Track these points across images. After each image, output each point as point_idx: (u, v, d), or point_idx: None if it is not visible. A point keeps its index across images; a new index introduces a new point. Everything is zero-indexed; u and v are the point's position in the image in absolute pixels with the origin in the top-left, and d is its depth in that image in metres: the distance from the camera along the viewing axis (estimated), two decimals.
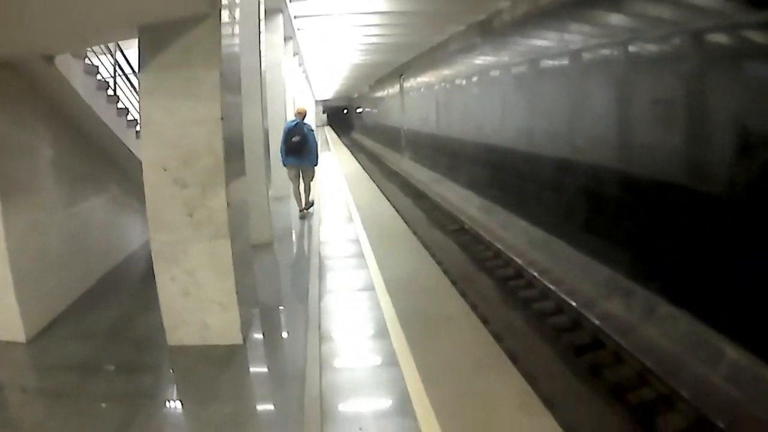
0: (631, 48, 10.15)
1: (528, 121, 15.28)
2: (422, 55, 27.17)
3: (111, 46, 9.45)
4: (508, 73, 16.74)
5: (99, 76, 8.31)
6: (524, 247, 13.87)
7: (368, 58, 29.56)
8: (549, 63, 13.95)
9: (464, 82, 21.31)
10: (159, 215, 5.70)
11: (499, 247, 14.11)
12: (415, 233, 12.81)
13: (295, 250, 10.96)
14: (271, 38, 13.16)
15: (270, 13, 12.61)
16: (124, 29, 6.29)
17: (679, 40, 8.87)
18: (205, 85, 5.50)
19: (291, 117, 13.54)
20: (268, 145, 11.30)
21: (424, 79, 28.56)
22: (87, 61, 7.94)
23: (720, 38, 8.14)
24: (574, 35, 13.02)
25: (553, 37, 13.97)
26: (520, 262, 12.83)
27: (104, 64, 9.06)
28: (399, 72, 34.48)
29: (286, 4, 13.34)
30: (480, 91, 19.52)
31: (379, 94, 47.49)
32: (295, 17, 15.49)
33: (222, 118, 5.55)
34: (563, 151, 13.02)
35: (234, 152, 6.03)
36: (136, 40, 5.59)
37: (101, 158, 8.77)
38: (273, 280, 8.96)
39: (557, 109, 13.37)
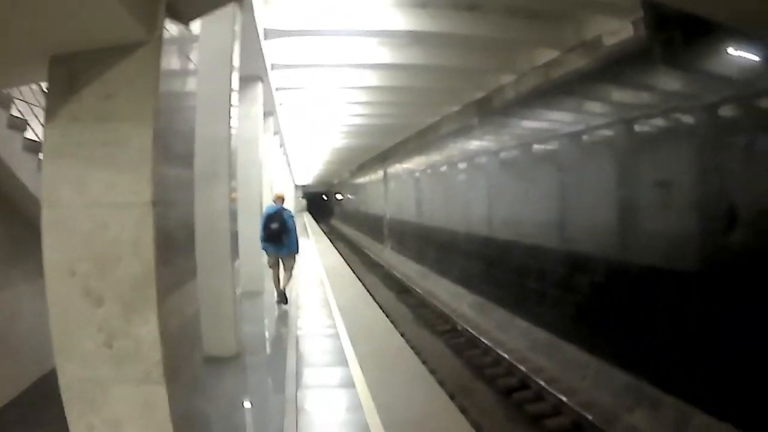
0: None
1: (533, 211, 13.95)
2: (409, 139, 26.07)
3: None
4: (508, 157, 15.53)
5: (30, 134, 6.67)
6: (527, 351, 12.44)
7: (351, 141, 28.62)
8: (554, 145, 12.74)
9: (455, 167, 20.08)
10: (67, 339, 3.62)
11: (499, 351, 12.46)
12: (405, 338, 11.20)
13: (266, 368, 8.33)
14: (249, 109, 12.02)
15: (248, 80, 11.40)
16: (35, 64, 4.32)
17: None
18: (129, 148, 3.48)
19: (267, 202, 12.48)
20: (237, 234, 8.20)
21: (410, 164, 27.39)
22: (12, 112, 6.32)
23: None
24: (581, 114, 11.95)
25: (560, 117, 12.84)
26: (523, 369, 11.31)
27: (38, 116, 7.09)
28: (383, 157, 33.44)
29: (266, 72, 12.07)
30: (474, 177, 18.23)
31: (361, 180, 46.47)
32: (276, 89, 14.40)
33: (154, 203, 3.48)
34: (577, 244, 11.64)
35: (178, 251, 4.07)
36: None
37: (32, 235, 6.94)
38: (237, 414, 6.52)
39: (568, 197, 12.10)
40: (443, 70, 14.34)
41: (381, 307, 13.28)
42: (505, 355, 12.14)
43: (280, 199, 11.65)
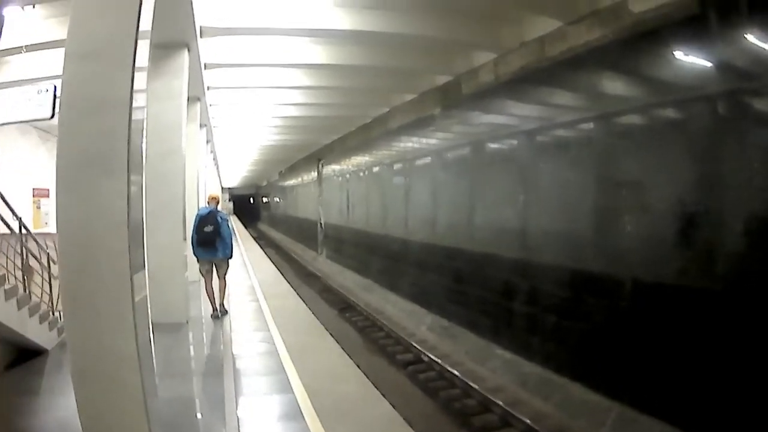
0: None
1: (504, 216, 11.77)
2: (349, 135, 23.54)
3: None
4: (485, 153, 13.28)
5: None
6: (520, 390, 10.21)
7: (283, 137, 26.19)
8: (549, 138, 10.55)
9: (407, 165, 17.69)
10: None
11: (483, 392, 10.13)
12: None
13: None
14: (169, 84, 10.85)
15: (170, 47, 10.39)
16: None
17: None
18: None
19: (192, 203, 12.26)
20: (140, 244, 7.98)
21: (349, 164, 24.81)
22: None
23: None
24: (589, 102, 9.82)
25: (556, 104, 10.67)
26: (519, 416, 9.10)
27: None
28: (317, 156, 30.83)
29: (195, 38, 10.98)
30: (434, 178, 15.86)
31: (292, 181, 43.64)
32: (206, 66, 13.30)
33: None
34: (567, 258, 9.69)
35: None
36: None
37: None
38: None
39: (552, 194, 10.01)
40: (394, 45, 12.35)
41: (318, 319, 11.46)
42: (493, 398, 9.81)
43: (215, 200, 10.89)
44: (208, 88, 13.98)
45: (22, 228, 8.01)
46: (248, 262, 20.77)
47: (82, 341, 4.05)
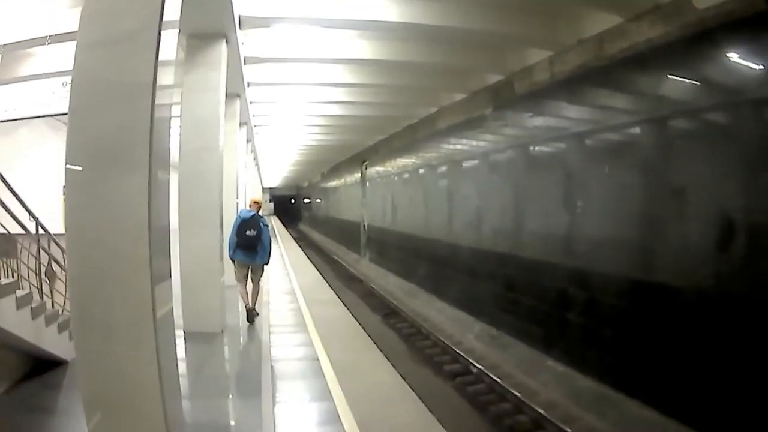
0: None
1: (560, 222, 11.29)
2: (395, 136, 23.14)
3: None
4: (529, 154, 12.80)
5: None
6: (572, 406, 9.72)
7: (324, 138, 25.99)
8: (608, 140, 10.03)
9: (456, 167, 17.24)
10: None
11: (530, 403, 9.69)
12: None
13: None
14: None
15: (205, 38, 9.78)
16: None
17: None
18: None
19: (243, 206, 12.37)
20: (166, 249, 7.59)
21: (395, 165, 24.42)
22: None
23: None
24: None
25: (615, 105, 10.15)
26: None
27: None
28: (362, 158, 30.50)
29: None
30: (483, 179, 15.39)
31: (334, 183, 43.43)
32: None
33: None
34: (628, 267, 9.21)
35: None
36: None
37: None
38: None
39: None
40: (444, 40, 12.00)
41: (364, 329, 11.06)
42: (547, 414, 9.33)
43: (257, 204, 10.69)
44: (248, 85, 13.55)
45: (40, 229, 7.58)
46: (289, 266, 20.50)
47: (93, 364, 3.57)
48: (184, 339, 8.69)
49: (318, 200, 57.49)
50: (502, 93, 13.65)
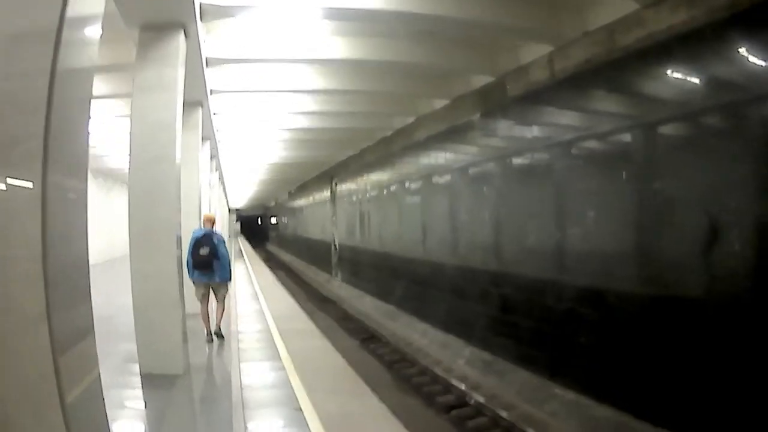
0: None
1: (563, 236, 10.30)
2: (368, 150, 21.96)
3: None
4: (525, 163, 11.75)
5: None
6: None
7: (292, 155, 24.83)
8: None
9: (438, 180, 16.10)
10: None
11: None
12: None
13: None
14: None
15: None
16: None
17: None
18: None
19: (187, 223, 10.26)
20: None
21: (368, 181, 23.20)
22: None
23: None
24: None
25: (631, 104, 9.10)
26: None
27: None
28: (330, 174, 29.31)
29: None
30: (471, 192, 14.26)
31: (302, 201, 42.13)
32: (214, 114, 14.08)
33: None
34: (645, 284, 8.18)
35: None
36: None
37: None
38: None
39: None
40: (425, 36, 10.86)
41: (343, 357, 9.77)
42: None
43: (210, 221, 10.45)
44: (211, 92, 12.25)
45: None
46: (259, 291, 19.08)
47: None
48: (141, 383, 7.44)
49: (285, 220, 56.18)
50: (492, 96, 12.53)
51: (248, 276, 24.11)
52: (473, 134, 13.67)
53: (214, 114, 14.41)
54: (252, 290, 19.10)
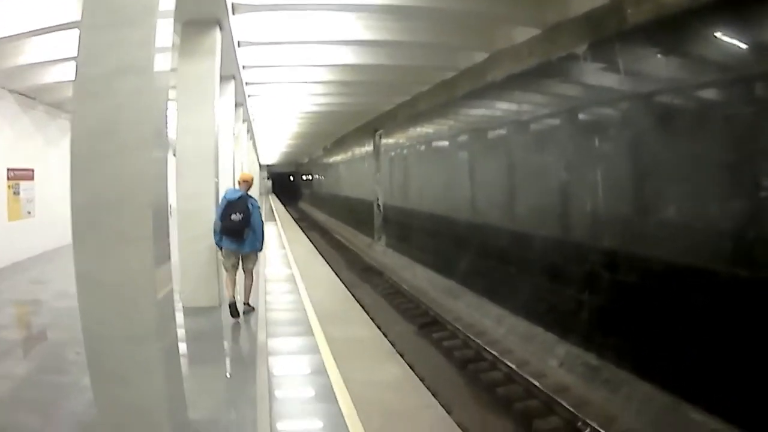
0: None
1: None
2: (421, 96, 18.95)
3: None
4: (651, 107, 8.82)
5: None
6: None
7: (328, 104, 21.95)
8: None
9: (522, 129, 13.11)
10: None
11: None
12: None
13: None
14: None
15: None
16: None
17: None
18: None
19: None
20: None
21: (423, 132, 20.20)
22: None
23: None
24: None
25: None
26: None
27: None
28: (373, 126, 26.41)
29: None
30: (572, 144, 11.20)
31: (339, 157, 39.34)
32: (246, 84, 15.28)
33: None
34: None
35: None
36: None
37: None
38: None
39: None
40: None
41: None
42: None
43: (246, 183, 9.67)
44: (243, 67, 13.59)
45: None
46: (292, 259, 16.46)
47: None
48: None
49: (320, 177, 53.59)
50: (604, 23, 9.56)
51: (280, 240, 21.62)
52: (576, 70, 10.62)
53: (246, 84, 15.69)
54: (285, 260, 16.55)
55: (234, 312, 9.17)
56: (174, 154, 10.12)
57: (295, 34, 11.77)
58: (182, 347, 7.55)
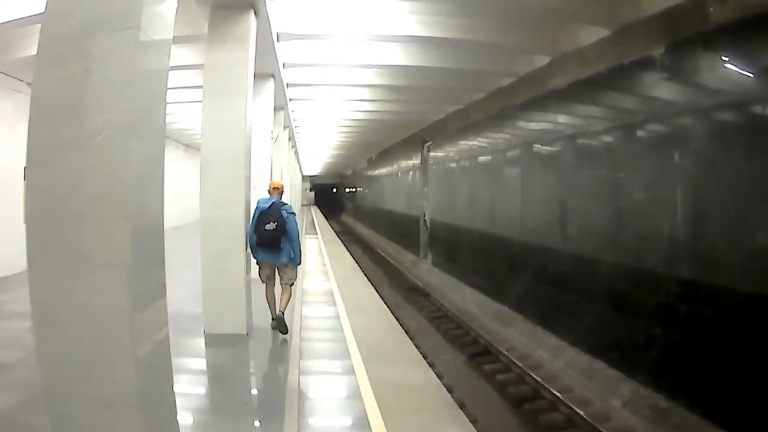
0: None
1: None
2: (474, 106, 17.94)
3: None
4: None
5: None
6: None
7: (374, 115, 21.23)
8: None
9: (586, 142, 12.04)
10: None
11: None
12: None
13: None
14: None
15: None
16: None
17: None
18: None
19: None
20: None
21: (473, 145, 19.15)
22: None
23: None
24: None
25: None
26: None
27: None
28: (421, 138, 25.43)
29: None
30: (649, 159, 10.10)
31: (383, 170, 38.40)
32: (288, 85, 14.69)
33: None
34: None
35: None
36: None
37: None
38: None
39: None
40: None
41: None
42: None
43: (278, 190, 9.09)
44: (283, 66, 12.65)
45: None
46: (333, 277, 15.47)
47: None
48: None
49: (363, 189, 52.75)
50: (683, 22, 8.50)
51: (321, 256, 20.67)
52: (652, 76, 9.52)
53: (287, 86, 14.90)
54: (323, 273, 15.67)
55: (282, 327, 8.68)
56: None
57: (341, 28, 10.79)
58: (199, 386, 6.97)
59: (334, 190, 78.55)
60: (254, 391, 6.94)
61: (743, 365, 7.37)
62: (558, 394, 9.78)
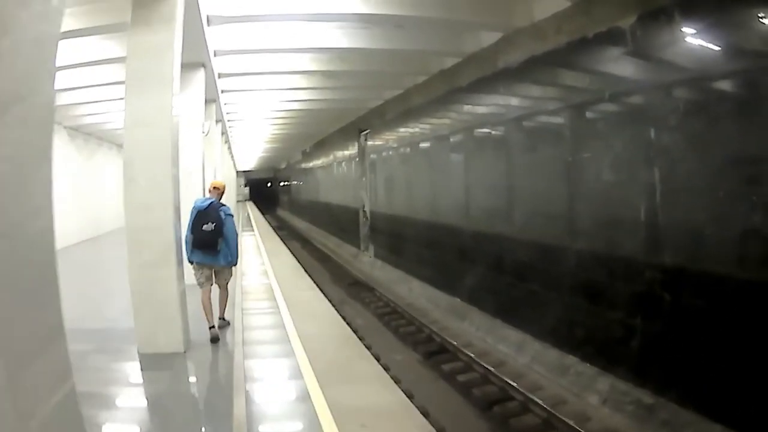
0: None
1: None
2: (416, 90, 17.13)
3: None
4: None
5: None
6: None
7: (309, 104, 20.58)
8: None
9: (541, 122, 11.35)
10: None
11: None
12: None
13: None
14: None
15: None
16: None
17: None
18: None
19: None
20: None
21: (415, 132, 18.30)
22: None
23: None
24: None
25: None
26: None
27: None
28: (357, 126, 24.56)
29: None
30: (621, 138, 9.39)
31: (320, 161, 37.36)
32: (219, 75, 13.91)
33: None
34: None
35: None
36: None
37: None
38: None
39: None
40: None
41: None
42: None
43: (217, 190, 8.89)
44: (215, 54, 11.97)
45: None
46: (273, 277, 14.53)
47: None
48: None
49: (299, 182, 51.61)
50: None
51: (257, 249, 19.71)
52: (622, 49, 8.77)
53: (219, 76, 14.12)
54: (263, 273, 14.74)
55: (215, 337, 8.44)
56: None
57: (276, 6, 10.01)
58: (133, 424, 5.91)
59: (269, 184, 77.84)
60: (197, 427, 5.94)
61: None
62: (529, 394, 9.08)
